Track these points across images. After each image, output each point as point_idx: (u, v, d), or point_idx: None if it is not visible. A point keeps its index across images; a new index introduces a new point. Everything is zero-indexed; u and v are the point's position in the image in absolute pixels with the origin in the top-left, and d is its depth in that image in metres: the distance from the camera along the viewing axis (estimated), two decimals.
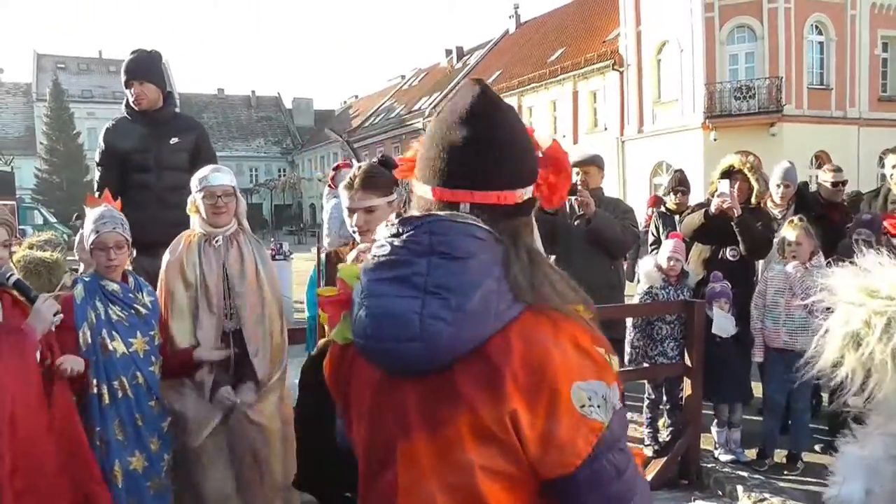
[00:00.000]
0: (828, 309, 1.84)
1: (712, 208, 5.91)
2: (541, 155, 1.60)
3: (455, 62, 55.19)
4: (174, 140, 5.36)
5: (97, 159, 5.40)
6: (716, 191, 6.04)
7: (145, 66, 5.34)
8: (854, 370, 1.73)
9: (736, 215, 5.80)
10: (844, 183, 7.41)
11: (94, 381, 3.44)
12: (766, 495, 5.27)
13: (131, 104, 5.31)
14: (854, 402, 1.81)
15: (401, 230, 1.50)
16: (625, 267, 6.89)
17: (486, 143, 1.51)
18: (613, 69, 32.76)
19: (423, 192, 1.58)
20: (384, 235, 1.53)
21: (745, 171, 6.07)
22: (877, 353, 1.63)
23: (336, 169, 6.84)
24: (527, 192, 1.55)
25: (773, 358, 5.73)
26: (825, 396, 6.38)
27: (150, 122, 5.34)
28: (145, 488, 3.54)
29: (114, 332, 3.51)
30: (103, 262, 3.56)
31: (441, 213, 1.51)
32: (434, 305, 1.40)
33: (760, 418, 6.24)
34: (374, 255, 1.52)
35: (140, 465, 3.53)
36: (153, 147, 5.32)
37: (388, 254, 1.49)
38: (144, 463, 3.54)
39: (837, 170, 7.33)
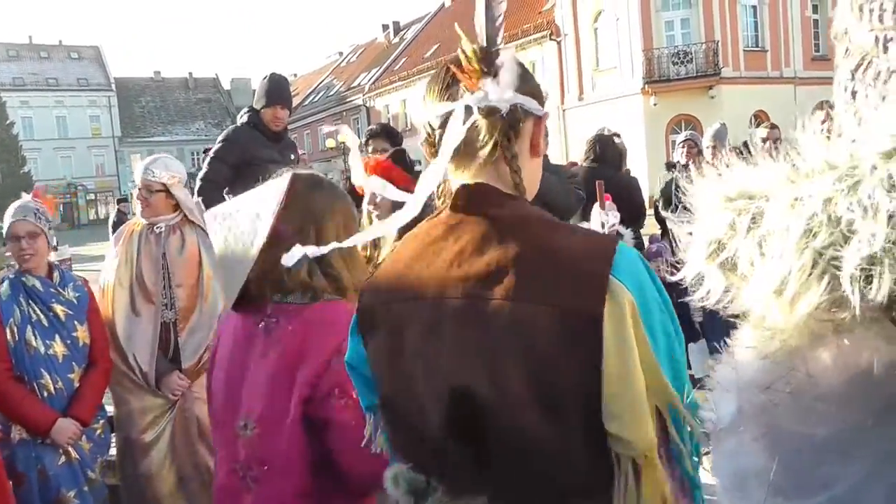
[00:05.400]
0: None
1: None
2: None
3: (392, 37, 54.82)
4: (293, 156, 5.66)
5: (217, 153, 5.30)
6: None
7: (289, 92, 5.66)
8: (715, 284, 1.68)
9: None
10: (778, 140, 7.51)
11: (26, 380, 3.39)
12: None
13: (268, 124, 5.35)
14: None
15: None
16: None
17: None
18: (551, 39, 32.86)
19: None
20: None
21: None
22: (742, 255, 1.53)
23: None
24: None
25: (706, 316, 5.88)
26: None
27: (280, 140, 5.52)
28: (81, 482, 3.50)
29: (35, 332, 3.44)
30: (16, 252, 3.52)
31: None
32: None
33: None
34: None
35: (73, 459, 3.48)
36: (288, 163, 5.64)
37: None
38: (76, 457, 3.49)
39: (773, 127, 7.44)
